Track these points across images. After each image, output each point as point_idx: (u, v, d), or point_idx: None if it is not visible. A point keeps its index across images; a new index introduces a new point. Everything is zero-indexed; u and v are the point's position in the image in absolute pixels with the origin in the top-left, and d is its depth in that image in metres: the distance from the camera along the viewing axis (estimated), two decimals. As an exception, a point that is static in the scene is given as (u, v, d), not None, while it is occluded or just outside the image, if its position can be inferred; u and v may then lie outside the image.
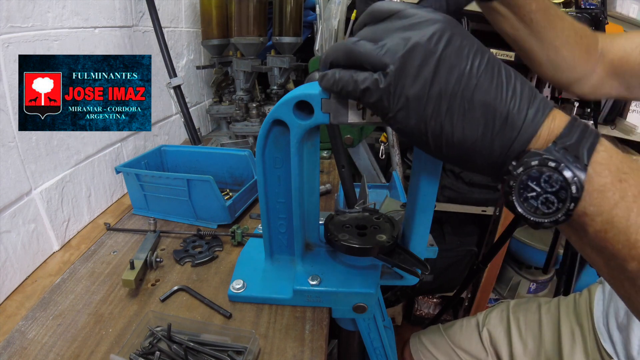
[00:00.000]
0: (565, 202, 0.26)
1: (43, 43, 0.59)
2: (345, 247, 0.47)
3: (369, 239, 0.49)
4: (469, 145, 0.29)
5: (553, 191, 0.26)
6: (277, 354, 0.44)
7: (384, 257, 0.47)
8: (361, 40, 0.30)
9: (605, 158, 0.26)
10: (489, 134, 0.28)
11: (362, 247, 0.47)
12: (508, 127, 0.27)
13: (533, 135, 0.27)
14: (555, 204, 0.27)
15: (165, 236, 0.68)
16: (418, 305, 1.81)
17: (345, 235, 0.49)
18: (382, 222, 0.53)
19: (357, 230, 0.50)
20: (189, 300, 0.52)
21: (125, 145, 0.83)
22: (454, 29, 0.28)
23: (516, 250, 1.67)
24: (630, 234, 0.25)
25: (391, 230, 0.51)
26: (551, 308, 0.79)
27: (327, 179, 0.93)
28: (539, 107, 0.27)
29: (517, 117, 0.27)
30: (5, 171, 0.52)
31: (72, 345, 0.44)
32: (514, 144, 0.28)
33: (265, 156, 0.46)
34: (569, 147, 0.26)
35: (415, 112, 0.29)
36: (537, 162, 0.26)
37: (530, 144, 0.27)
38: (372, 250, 0.47)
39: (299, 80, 1.30)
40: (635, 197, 0.25)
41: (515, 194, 0.28)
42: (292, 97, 0.39)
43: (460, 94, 0.27)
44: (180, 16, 1.09)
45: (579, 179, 0.25)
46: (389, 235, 0.49)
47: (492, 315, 0.85)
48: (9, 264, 0.53)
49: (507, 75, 0.28)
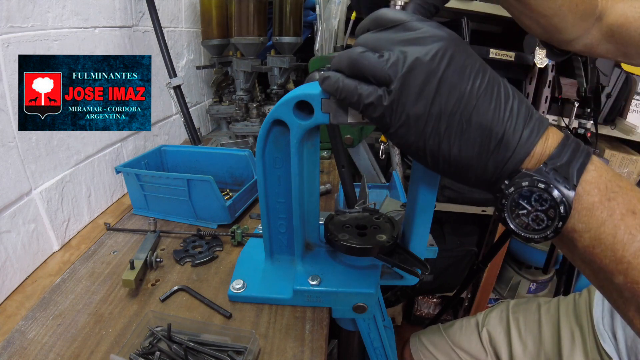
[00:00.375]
0: (554, 220, 0.28)
1: (43, 43, 0.59)
2: (345, 247, 0.47)
3: (369, 239, 0.49)
4: (464, 163, 0.30)
5: (543, 210, 0.28)
6: (277, 354, 0.44)
7: (384, 257, 0.47)
8: (367, 52, 0.30)
9: (594, 177, 0.28)
10: (484, 154, 0.29)
11: (362, 247, 0.47)
12: (503, 147, 0.28)
13: (526, 156, 0.28)
14: (545, 221, 0.28)
15: (165, 236, 0.68)
16: (418, 305, 1.81)
17: (345, 235, 0.49)
18: (382, 222, 0.53)
19: (357, 230, 0.50)
20: (189, 300, 0.52)
21: (125, 145, 0.83)
22: (457, 46, 0.28)
23: (516, 250, 1.67)
24: (617, 250, 0.26)
25: (391, 230, 0.51)
26: (551, 308, 0.79)
27: (327, 179, 0.93)
28: (534, 127, 0.28)
29: (512, 138, 0.28)
30: (5, 171, 0.52)
31: (72, 345, 0.44)
32: (508, 164, 0.29)
33: (265, 156, 0.46)
34: (559, 168, 0.27)
35: (415, 129, 0.30)
36: (528, 183, 0.28)
37: (523, 164, 0.29)
38: (372, 251, 0.47)
39: (299, 80, 1.30)
40: (623, 216, 0.27)
41: (507, 211, 0.29)
42: (292, 97, 0.39)
43: (459, 114, 0.28)
44: (180, 16, 1.09)
45: (567, 199, 0.27)
46: (389, 235, 0.49)
47: (491, 316, 0.85)
48: (9, 264, 0.53)
49: (506, 95, 0.29)
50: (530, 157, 0.28)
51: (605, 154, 1.40)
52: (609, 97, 1.31)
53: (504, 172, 0.29)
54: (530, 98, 1.32)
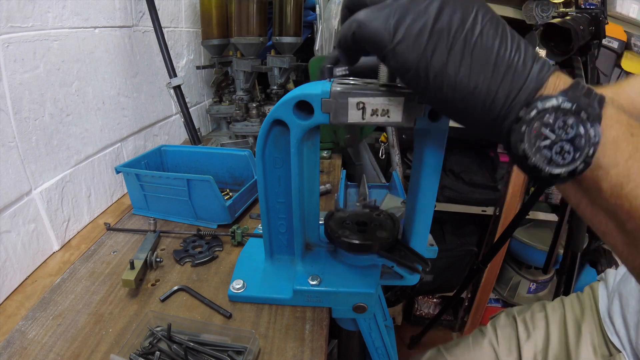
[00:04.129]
0: (583, 149, 0.24)
1: (43, 43, 0.59)
2: (345, 243, 0.47)
3: (369, 235, 0.48)
4: (470, 90, 0.27)
5: (569, 138, 0.24)
6: (277, 354, 0.44)
7: (384, 253, 0.47)
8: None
9: (614, 113, 0.25)
10: (494, 79, 0.26)
11: (363, 243, 0.47)
12: (514, 75, 0.26)
13: (540, 86, 0.26)
14: (571, 153, 0.25)
15: (165, 236, 0.68)
16: (418, 306, 1.81)
17: (345, 231, 0.49)
18: (382, 218, 0.52)
19: (357, 227, 0.50)
20: (189, 300, 0.52)
21: (125, 145, 0.83)
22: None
23: (516, 250, 1.67)
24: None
25: (392, 226, 0.50)
26: (555, 306, 0.78)
27: (327, 179, 0.93)
28: (544, 64, 0.26)
29: (522, 69, 0.26)
30: (5, 171, 0.52)
31: (72, 345, 0.44)
32: (520, 94, 0.26)
33: (265, 156, 0.46)
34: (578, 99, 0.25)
35: (416, 45, 0.27)
36: (553, 104, 0.24)
37: (536, 95, 0.26)
38: (372, 247, 0.47)
39: (299, 80, 1.30)
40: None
41: (526, 141, 0.25)
42: (292, 97, 0.39)
43: (463, 37, 0.26)
44: (180, 16, 1.09)
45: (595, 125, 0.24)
46: (389, 232, 0.49)
47: (499, 323, 0.82)
48: (9, 264, 0.53)
49: (512, 33, 0.27)
50: (543, 89, 0.26)
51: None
52: (609, 97, 1.31)
53: (515, 103, 0.26)
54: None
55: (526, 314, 0.80)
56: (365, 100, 0.37)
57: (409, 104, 0.37)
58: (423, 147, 0.42)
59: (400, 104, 0.37)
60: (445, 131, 0.40)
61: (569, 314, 0.74)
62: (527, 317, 0.79)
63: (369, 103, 0.37)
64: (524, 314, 0.80)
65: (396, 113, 0.37)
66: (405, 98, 0.36)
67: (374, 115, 0.37)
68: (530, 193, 1.38)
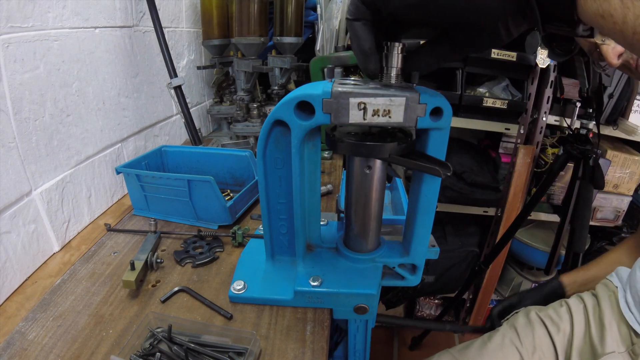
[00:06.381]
0: None
1: (43, 43, 0.59)
2: (351, 145, 0.41)
3: (379, 138, 0.42)
4: None
5: None
6: (278, 355, 0.44)
7: (397, 157, 0.40)
8: None
9: None
10: None
11: (372, 144, 0.40)
12: None
13: None
14: None
15: (166, 237, 0.68)
16: (419, 307, 1.80)
17: (351, 138, 0.42)
18: (392, 130, 0.45)
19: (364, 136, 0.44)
20: (189, 301, 0.52)
21: (126, 146, 0.83)
22: None
23: (518, 251, 1.67)
24: None
25: (404, 137, 0.44)
26: (575, 301, 0.78)
27: (328, 180, 0.93)
28: None
29: None
30: (5, 172, 0.52)
31: (73, 346, 0.44)
32: None
33: (266, 157, 0.46)
34: None
35: None
36: None
37: None
38: (383, 149, 0.40)
39: (300, 80, 1.30)
40: None
41: None
42: (293, 97, 0.39)
43: None
44: (180, 16, 1.09)
45: None
46: (402, 137, 0.43)
47: (517, 322, 0.80)
48: (9, 264, 0.53)
49: None
50: None
51: (607, 155, 1.39)
52: (611, 98, 1.30)
53: None
54: (532, 98, 1.31)
55: (548, 311, 0.79)
56: (366, 101, 0.37)
57: (411, 104, 0.36)
58: (424, 147, 0.42)
59: (402, 104, 0.36)
60: (447, 131, 0.40)
61: (589, 305, 0.74)
62: (551, 313, 0.78)
63: (370, 103, 0.37)
64: (546, 311, 0.79)
65: (397, 113, 0.37)
66: (406, 98, 0.36)
67: (375, 116, 0.37)
68: (532, 194, 1.38)
